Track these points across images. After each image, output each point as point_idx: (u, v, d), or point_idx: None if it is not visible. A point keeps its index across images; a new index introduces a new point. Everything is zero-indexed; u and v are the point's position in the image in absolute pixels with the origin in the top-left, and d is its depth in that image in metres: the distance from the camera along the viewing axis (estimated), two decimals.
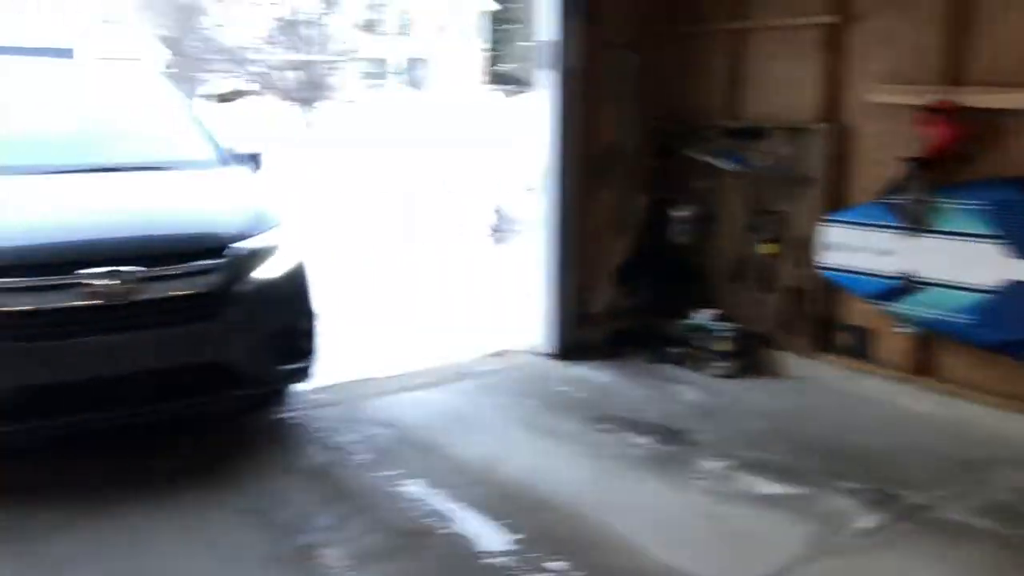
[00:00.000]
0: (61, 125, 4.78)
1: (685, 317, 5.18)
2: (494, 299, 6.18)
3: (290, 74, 22.74)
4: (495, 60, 47.00)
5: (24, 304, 3.32)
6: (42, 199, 3.84)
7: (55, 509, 3.32)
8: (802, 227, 4.82)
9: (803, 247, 4.80)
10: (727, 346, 4.98)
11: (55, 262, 3.38)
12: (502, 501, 3.50)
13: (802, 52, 4.75)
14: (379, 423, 4.22)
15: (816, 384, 4.78)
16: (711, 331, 5.04)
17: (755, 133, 5.00)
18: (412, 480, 3.64)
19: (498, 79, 45.14)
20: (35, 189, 3.91)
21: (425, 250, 7.92)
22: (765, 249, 4.99)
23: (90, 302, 3.38)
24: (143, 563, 3.04)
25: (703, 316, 5.13)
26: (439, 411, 4.44)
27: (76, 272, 3.35)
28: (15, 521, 3.24)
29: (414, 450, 3.96)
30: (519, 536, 3.23)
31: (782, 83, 4.88)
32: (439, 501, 3.47)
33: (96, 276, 3.37)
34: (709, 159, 5.17)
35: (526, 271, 5.66)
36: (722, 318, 5.12)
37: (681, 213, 5.29)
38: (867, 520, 3.37)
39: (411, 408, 4.45)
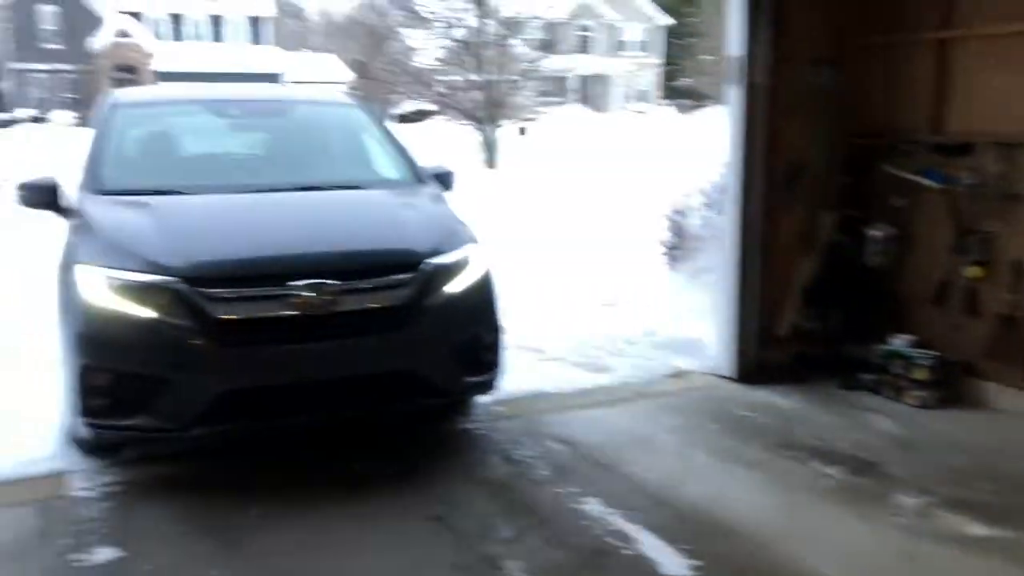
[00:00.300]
0: (269, 147, 5.18)
1: (879, 342, 4.91)
2: (671, 318, 6.09)
3: (471, 94, 23.40)
4: (671, 75, 46.63)
5: (240, 313, 3.58)
6: (254, 215, 4.15)
7: (261, 505, 3.56)
8: (1015, 249, 4.46)
9: (1017, 270, 4.43)
10: (926, 374, 4.68)
11: (269, 274, 3.63)
12: (682, 525, 3.44)
13: (1018, 61, 4.41)
14: (557, 439, 4.26)
15: None
16: (909, 358, 4.75)
17: (962, 148, 4.68)
18: (590, 498, 3.64)
19: (674, 94, 44.74)
20: (246, 206, 4.24)
21: (602, 267, 7.92)
22: (971, 272, 4.65)
23: (295, 312, 3.60)
24: (341, 561, 3.20)
25: (900, 342, 4.84)
26: (616, 430, 4.42)
27: (287, 284, 3.59)
28: (225, 516, 3.50)
29: (592, 468, 3.96)
30: (699, 562, 3.17)
31: (994, 95, 4.55)
32: (618, 521, 3.46)
33: (302, 288, 3.60)
34: (910, 176, 4.89)
35: (705, 290, 5.54)
36: (918, 344, 4.81)
37: (875, 232, 5.02)
38: None
39: (588, 426, 4.45)
